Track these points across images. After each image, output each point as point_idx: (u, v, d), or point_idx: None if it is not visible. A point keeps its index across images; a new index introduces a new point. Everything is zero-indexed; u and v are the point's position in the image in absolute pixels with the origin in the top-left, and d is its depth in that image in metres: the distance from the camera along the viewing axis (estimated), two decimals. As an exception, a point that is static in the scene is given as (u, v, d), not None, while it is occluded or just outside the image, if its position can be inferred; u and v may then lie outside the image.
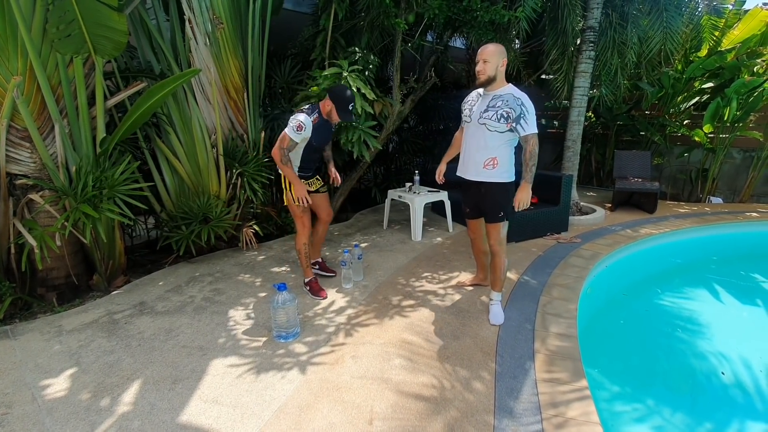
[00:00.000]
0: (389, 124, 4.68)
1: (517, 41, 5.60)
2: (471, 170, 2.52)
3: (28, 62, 2.55)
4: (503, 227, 2.51)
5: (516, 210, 2.41)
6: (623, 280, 3.83)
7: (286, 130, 2.57)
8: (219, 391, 1.92)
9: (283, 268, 3.47)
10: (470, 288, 3.06)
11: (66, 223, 2.63)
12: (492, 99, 2.37)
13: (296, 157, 2.75)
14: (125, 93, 3.15)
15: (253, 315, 2.66)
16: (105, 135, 2.93)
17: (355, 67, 3.78)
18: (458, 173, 2.64)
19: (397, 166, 6.75)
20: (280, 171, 2.75)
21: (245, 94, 3.85)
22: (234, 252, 3.87)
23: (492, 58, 2.30)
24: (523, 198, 2.36)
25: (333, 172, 3.05)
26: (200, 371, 2.08)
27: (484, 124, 2.38)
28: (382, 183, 6.47)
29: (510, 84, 2.39)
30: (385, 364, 2.11)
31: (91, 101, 2.94)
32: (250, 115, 3.94)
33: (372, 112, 3.73)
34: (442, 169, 2.85)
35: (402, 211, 5.20)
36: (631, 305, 3.46)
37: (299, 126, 2.53)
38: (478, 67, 2.34)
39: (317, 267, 3.32)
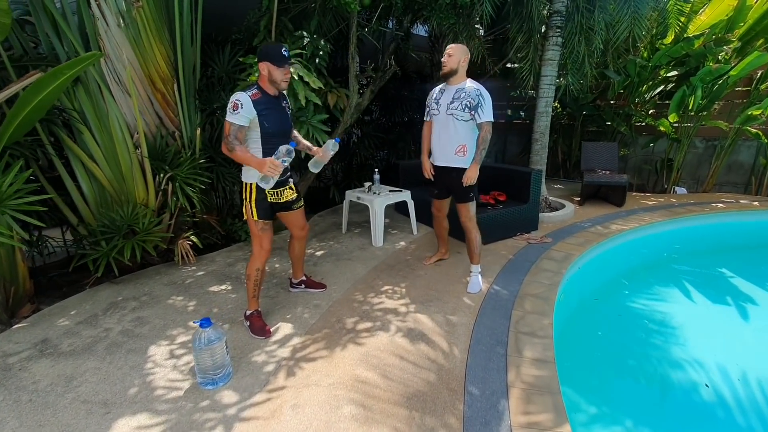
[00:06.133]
0: (346, 117, 4.26)
1: (480, 27, 5.26)
2: (443, 157, 2.85)
3: None
4: (472, 206, 2.87)
5: (464, 185, 2.74)
6: (595, 281, 3.62)
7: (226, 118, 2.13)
8: (116, 469, 1.51)
9: (224, 287, 3.02)
10: (433, 263, 3.36)
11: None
12: (456, 92, 2.69)
13: (258, 154, 2.23)
14: (17, 85, 2.57)
15: (177, 352, 2.22)
16: (-14, 137, 2.38)
17: (298, 51, 3.33)
18: (431, 160, 2.95)
19: (359, 161, 6.34)
20: (243, 180, 2.29)
21: (175, 85, 3.34)
22: (168, 268, 3.37)
23: (456, 52, 2.64)
24: (472, 176, 2.71)
25: (308, 145, 2.53)
26: (97, 439, 1.65)
27: (452, 114, 2.69)
28: (342, 181, 6.06)
29: (469, 78, 2.72)
30: (332, 415, 1.75)
31: (-32, 96, 2.38)
32: (182, 109, 3.43)
33: (319, 102, 3.29)
34: (427, 166, 2.98)
35: (362, 211, 4.82)
36: (604, 310, 3.26)
37: (234, 105, 2.07)
38: (443, 58, 2.68)
39: (303, 286, 2.90)
